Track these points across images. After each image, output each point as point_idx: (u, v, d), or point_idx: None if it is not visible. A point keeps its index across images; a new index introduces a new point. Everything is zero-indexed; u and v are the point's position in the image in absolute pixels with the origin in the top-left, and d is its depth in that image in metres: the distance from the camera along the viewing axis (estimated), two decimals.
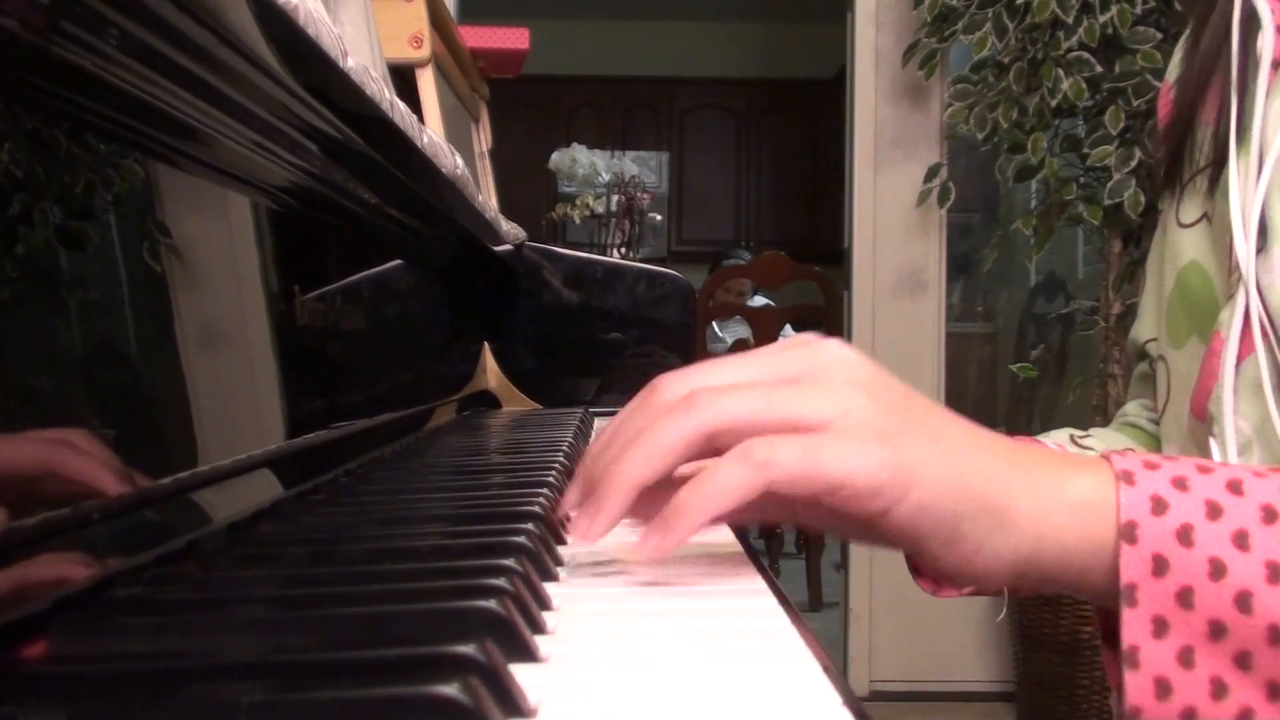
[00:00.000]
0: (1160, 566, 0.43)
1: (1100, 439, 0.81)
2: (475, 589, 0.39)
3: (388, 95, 0.74)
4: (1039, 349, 2.96)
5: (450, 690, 0.28)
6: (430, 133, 0.87)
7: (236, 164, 0.60)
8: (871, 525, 0.46)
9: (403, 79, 1.35)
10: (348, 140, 0.69)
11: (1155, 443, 0.77)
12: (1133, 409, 0.84)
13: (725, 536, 0.59)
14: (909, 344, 2.97)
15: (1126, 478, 0.45)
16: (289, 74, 0.56)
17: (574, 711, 0.32)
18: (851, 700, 0.33)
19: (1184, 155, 0.70)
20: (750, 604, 0.46)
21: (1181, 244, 0.70)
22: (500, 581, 0.40)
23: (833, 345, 0.49)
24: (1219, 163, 0.66)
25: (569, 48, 6.09)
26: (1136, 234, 2.48)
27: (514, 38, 2.00)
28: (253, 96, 0.56)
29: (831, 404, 0.46)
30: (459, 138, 1.64)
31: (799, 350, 0.49)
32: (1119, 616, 0.44)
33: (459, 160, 0.97)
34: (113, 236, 0.47)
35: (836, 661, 1.00)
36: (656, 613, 0.45)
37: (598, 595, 0.48)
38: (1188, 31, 0.73)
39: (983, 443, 0.48)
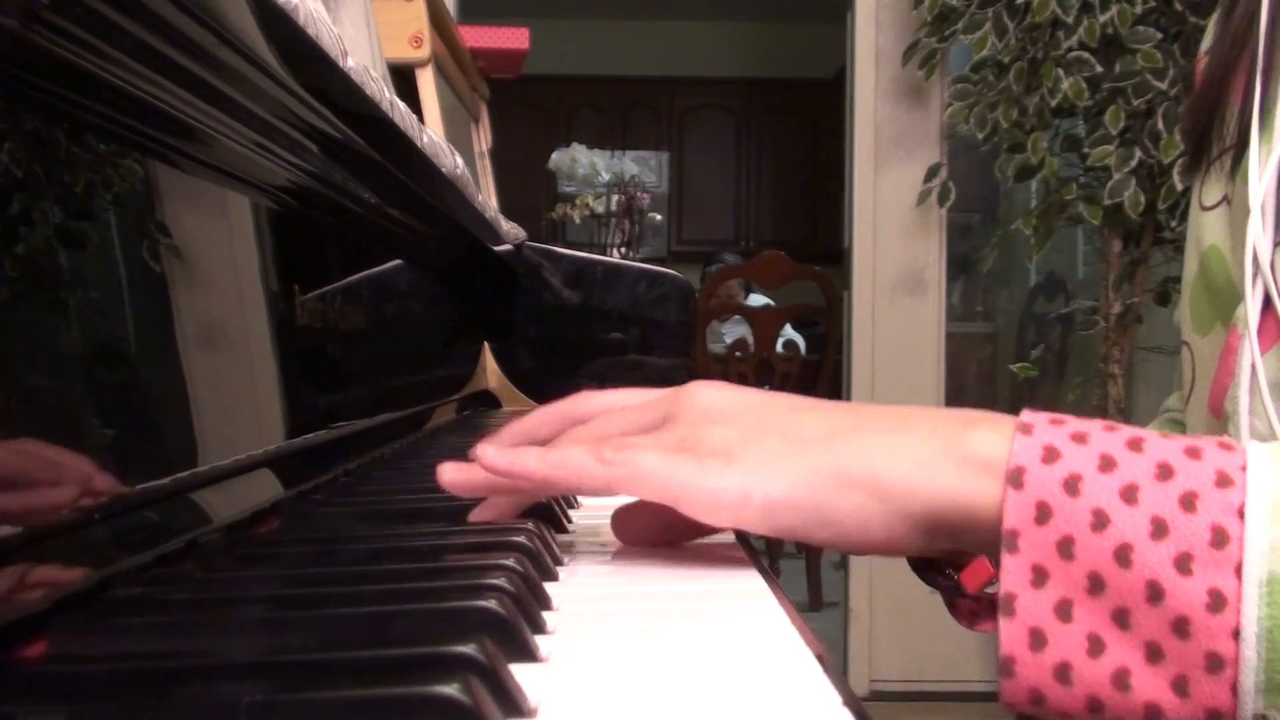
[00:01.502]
0: (1043, 514, 0.41)
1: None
2: (475, 589, 0.39)
3: (388, 95, 0.74)
4: (1039, 349, 2.96)
5: (450, 690, 0.28)
6: (430, 133, 0.87)
7: (236, 164, 0.60)
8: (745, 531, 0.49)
9: (403, 79, 1.35)
10: (348, 140, 0.69)
11: None
12: (1173, 402, 0.82)
13: (725, 537, 0.59)
14: (909, 344, 2.97)
15: (1024, 429, 0.44)
16: (289, 74, 0.56)
17: (574, 711, 0.32)
18: (851, 700, 0.33)
19: (1211, 134, 0.69)
20: (750, 603, 0.46)
21: (1203, 227, 0.69)
22: (500, 581, 0.40)
23: (691, 388, 0.52)
24: (1241, 145, 0.64)
25: (569, 48, 6.09)
26: (1136, 234, 2.48)
27: (514, 38, 2.00)
28: (253, 96, 0.56)
29: (674, 435, 0.50)
30: (459, 138, 1.64)
31: (662, 399, 0.54)
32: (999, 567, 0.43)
33: (459, 160, 0.97)
34: (113, 236, 0.47)
35: (836, 661, 1.00)
36: (656, 613, 0.45)
37: (598, 595, 0.48)
38: (1222, 1, 0.71)
39: (850, 423, 0.48)
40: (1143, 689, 0.40)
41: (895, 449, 0.46)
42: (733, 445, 0.48)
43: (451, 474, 0.55)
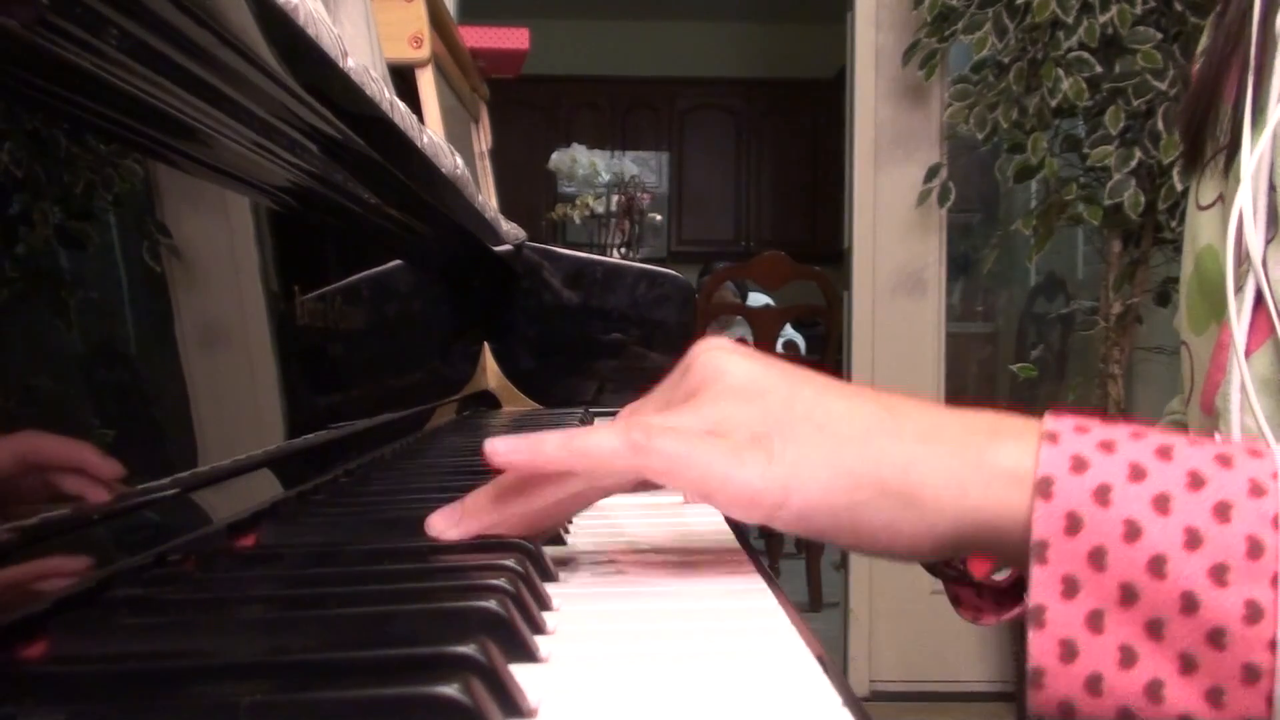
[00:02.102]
0: (1073, 524, 0.41)
1: None
2: (475, 589, 0.39)
3: (388, 95, 0.74)
4: (1039, 349, 2.96)
5: (450, 690, 0.28)
6: (430, 133, 0.87)
7: (236, 164, 0.60)
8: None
9: (403, 79, 1.35)
10: (348, 140, 0.69)
11: None
12: (1176, 404, 0.82)
13: (725, 537, 0.59)
14: (909, 344, 2.97)
15: (1051, 438, 0.43)
16: (289, 74, 0.56)
17: (574, 711, 0.32)
18: (851, 700, 0.33)
19: (1206, 133, 0.69)
20: (750, 604, 0.46)
21: (1199, 226, 0.69)
22: (500, 581, 0.40)
23: (707, 354, 0.49)
24: (1234, 144, 0.64)
25: (569, 48, 6.09)
26: (1136, 234, 2.48)
27: (514, 38, 2.00)
28: (253, 96, 0.56)
29: (701, 420, 0.47)
30: (459, 138, 1.64)
31: (677, 371, 0.50)
32: (1028, 576, 0.42)
33: (459, 160, 0.97)
34: (113, 236, 0.47)
35: (836, 661, 1.00)
36: (656, 613, 0.45)
37: (598, 595, 0.48)
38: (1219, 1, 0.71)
39: (884, 424, 0.46)
40: (1176, 700, 0.40)
41: (930, 460, 0.45)
42: (770, 433, 0.45)
43: (441, 524, 0.50)
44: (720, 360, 0.49)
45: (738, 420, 0.46)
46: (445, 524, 0.50)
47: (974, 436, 0.45)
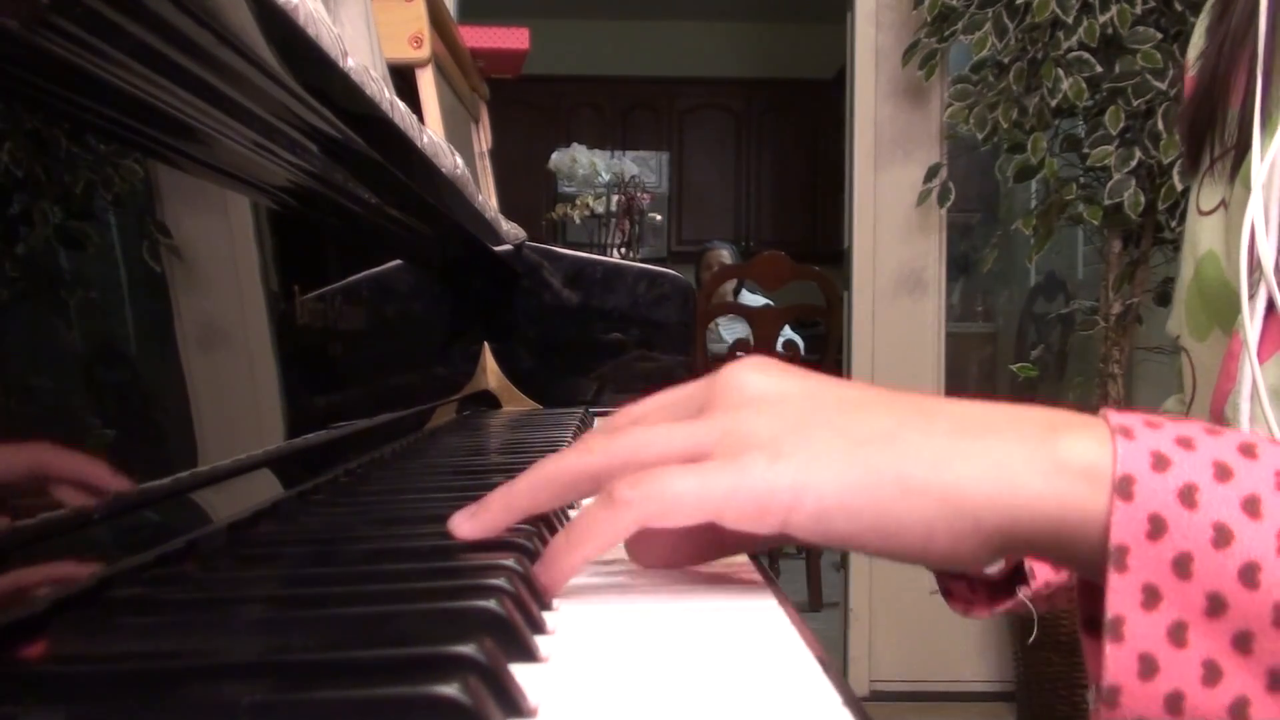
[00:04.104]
0: (1157, 528, 0.38)
1: None
2: (475, 589, 0.39)
3: (388, 95, 0.74)
4: (1039, 349, 2.96)
5: (450, 690, 0.28)
6: (430, 133, 0.87)
7: (236, 164, 0.60)
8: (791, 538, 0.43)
9: (403, 79, 1.35)
10: (348, 140, 0.69)
11: None
12: (1171, 404, 0.81)
13: None
14: (909, 344, 2.97)
15: (1125, 432, 0.40)
16: (289, 74, 0.56)
17: (574, 711, 0.32)
18: (851, 700, 0.33)
19: (1206, 139, 0.67)
20: (750, 604, 0.46)
21: (1200, 232, 0.68)
22: (500, 581, 0.40)
23: (733, 369, 0.46)
24: (1242, 148, 0.63)
25: (569, 48, 6.09)
26: (1136, 234, 2.48)
27: (514, 38, 2.00)
28: (253, 96, 0.56)
29: (710, 430, 0.44)
30: (459, 138, 1.64)
31: (699, 384, 0.48)
32: (1105, 586, 0.39)
33: (459, 160, 0.97)
34: (113, 236, 0.47)
35: (836, 661, 1.00)
36: (656, 613, 0.45)
37: (597, 596, 0.48)
38: (1210, 4, 0.70)
39: (912, 421, 0.42)
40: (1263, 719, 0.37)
41: (970, 453, 0.41)
42: (779, 438, 0.42)
43: (467, 523, 0.48)
44: (740, 373, 0.46)
45: (748, 429, 0.43)
46: (462, 518, 0.49)
47: (1028, 427, 0.42)
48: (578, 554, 0.45)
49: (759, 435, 0.43)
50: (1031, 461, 0.40)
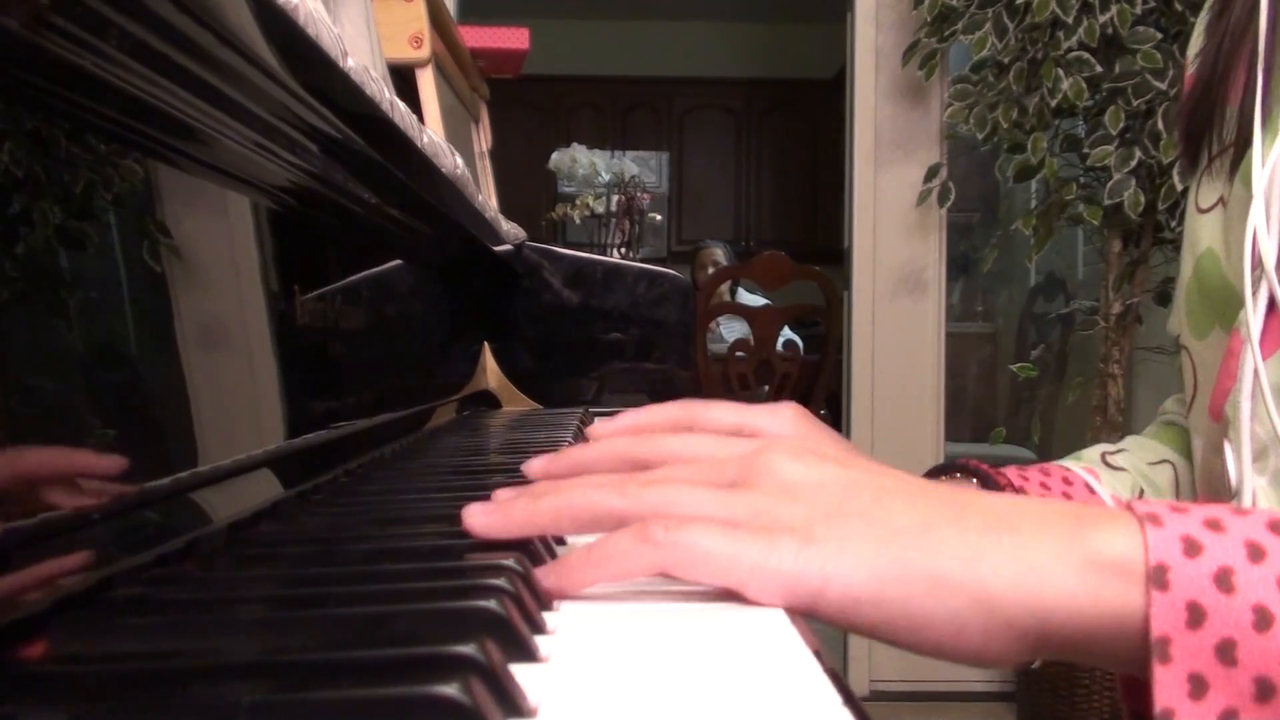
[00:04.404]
0: (1196, 616, 0.37)
1: (1134, 449, 0.77)
2: (475, 589, 0.39)
3: (388, 95, 0.74)
4: (1039, 349, 2.96)
5: (450, 690, 0.28)
6: (430, 133, 0.87)
7: (236, 164, 0.60)
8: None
9: (403, 79, 1.35)
10: (348, 140, 0.69)
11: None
12: (1170, 405, 0.81)
13: None
14: (909, 344, 2.97)
15: (1153, 520, 0.39)
16: (289, 74, 0.56)
17: (574, 711, 0.32)
18: (851, 700, 0.33)
19: (1205, 136, 0.67)
20: (750, 604, 0.46)
21: (1199, 230, 0.68)
22: (500, 581, 0.40)
23: (771, 452, 0.46)
24: (1241, 145, 0.62)
25: (569, 48, 6.09)
26: (1136, 234, 2.48)
27: (514, 38, 2.00)
28: (253, 96, 0.56)
29: (744, 505, 0.44)
30: (459, 138, 1.64)
31: (736, 456, 0.47)
32: (1150, 678, 0.38)
33: (459, 160, 0.97)
34: (113, 236, 0.47)
35: (836, 661, 1.00)
36: (656, 613, 0.45)
37: (598, 596, 0.48)
38: (1210, 0, 0.70)
39: (945, 514, 0.42)
40: None
41: (1002, 550, 0.41)
42: (812, 523, 0.43)
43: (481, 518, 0.49)
44: (778, 459, 0.46)
45: (783, 512, 0.43)
46: (478, 512, 0.49)
47: (1059, 523, 0.41)
48: (596, 574, 0.45)
49: (794, 520, 0.43)
50: (1063, 558, 0.40)
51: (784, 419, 0.54)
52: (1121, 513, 0.41)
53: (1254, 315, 0.60)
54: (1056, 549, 0.40)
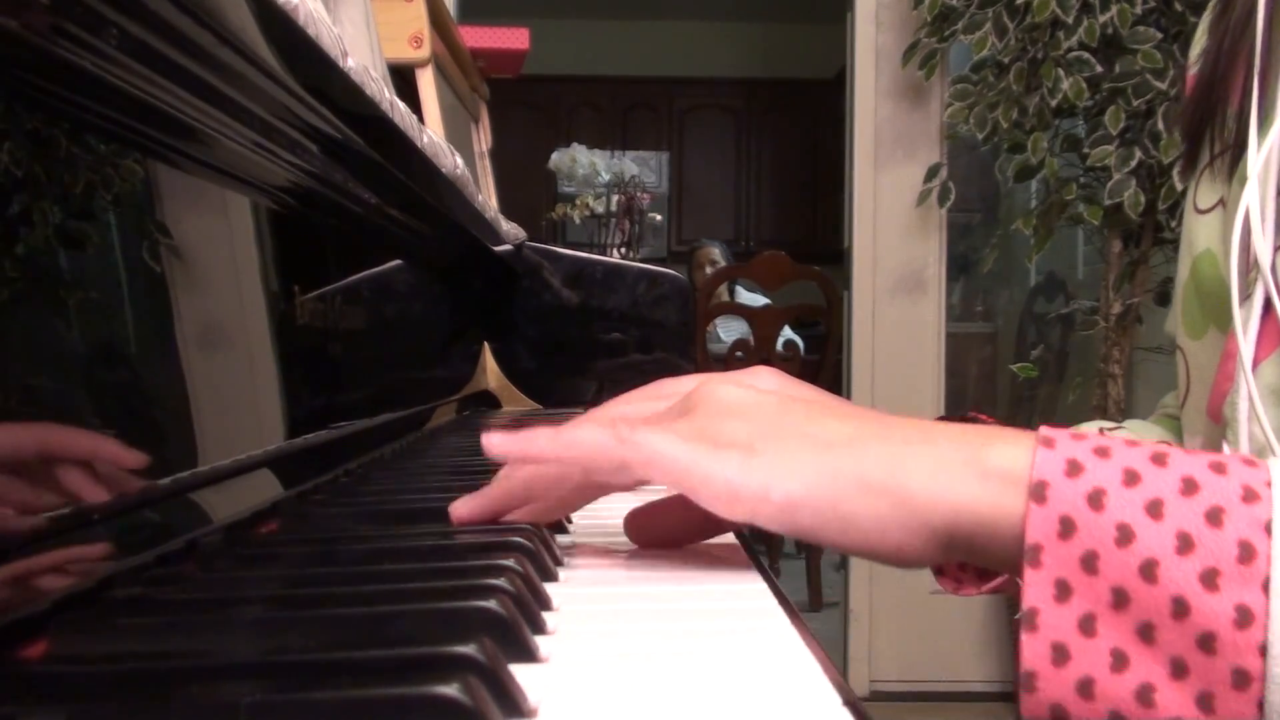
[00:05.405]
0: (1067, 528, 0.41)
1: (1133, 431, 0.79)
2: (475, 589, 0.39)
3: (388, 95, 0.74)
4: (1039, 349, 2.96)
5: (450, 690, 0.28)
6: (430, 133, 0.87)
7: (236, 164, 0.60)
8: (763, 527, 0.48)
9: (403, 79, 1.35)
10: (348, 140, 0.69)
11: None
12: (1170, 399, 0.82)
13: (725, 538, 0.59)
14: (909, 344, 2.97)
15: (1046, 443, 0.43)
16: (289, 74, 0.56)
17: (574, 711, 0.32)
18: (851, 700, 0.33)
19: (1205, 137, 0.68)
20: (750, 604, 0.46)
21: (1197, 231, 0.68)
22: (500, 581, 0.40)
23: (708, 385, 0.51)
24: (1239, 146, 0.63)
25: (569, 48, 6.09)
26: (1136, 234, 2.48)
27: (514, 38, 2.00)
28: (253, 96, 0.56)
29: (691, 427, 0.49)
30: (459, 138, 1.64)
31: (672, 396, 0.53)
32: (1022, 581, 0.42)
33: (459, 160, 0.97)
34: (113, 236, 0.47)
35: (836, 661, 1.00)
36: (656, 613, 0.45)
37: (598, 595, 0.48)
38: (1213, 0, 0.70)
39: (872, 430, 0.47)
40: (1166, 705, 0.40)
41: (920, 458, 0.45)
42: (753, 439, 0.47)
43: (464, 509, 0.55)
44: (718, 386, 0.51)
45: (725, 430, 0.48)
46: (461, 505, 0.55)
47: (968, 438, 0.46)
48: (560, 453, 0.51)
49: (735, 436, 0.48)
50: (968, 466, 0.44)
51: (759, 375, 0.57)
52: (1028, 434, 0.45)
53: (1248, 317, 0.60)
54: (964, 458, 0.45)
